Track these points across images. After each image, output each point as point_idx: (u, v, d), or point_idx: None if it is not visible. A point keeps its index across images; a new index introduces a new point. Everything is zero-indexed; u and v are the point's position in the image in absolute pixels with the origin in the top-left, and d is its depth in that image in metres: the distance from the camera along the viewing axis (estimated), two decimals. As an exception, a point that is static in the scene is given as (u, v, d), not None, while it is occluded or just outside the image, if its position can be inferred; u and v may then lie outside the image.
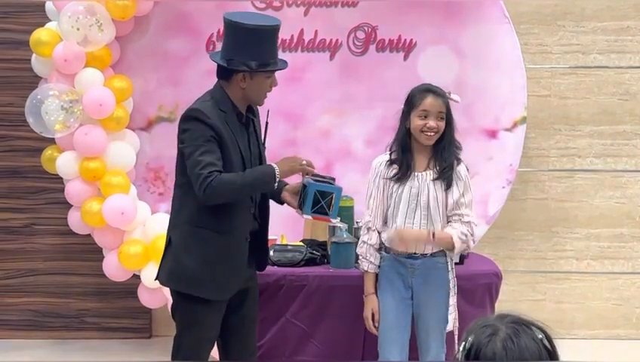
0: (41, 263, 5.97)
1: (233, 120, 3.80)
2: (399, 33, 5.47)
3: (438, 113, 3.93)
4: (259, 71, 3.78)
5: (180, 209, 3.83)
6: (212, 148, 3.69)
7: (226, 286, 3.79)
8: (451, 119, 3.98)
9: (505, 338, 1.98)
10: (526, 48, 5.75)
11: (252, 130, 3.92)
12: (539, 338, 1.99)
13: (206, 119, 3.71)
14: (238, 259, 3.82)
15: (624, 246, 6.03)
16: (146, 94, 5.45)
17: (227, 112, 3.79)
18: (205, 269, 3.75)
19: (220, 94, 3.82)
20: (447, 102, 3.96)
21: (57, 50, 5.13)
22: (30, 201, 5.93)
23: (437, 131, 3.93)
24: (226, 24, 3.84)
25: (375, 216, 4.04)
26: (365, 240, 4.08)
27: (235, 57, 3.78)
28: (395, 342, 4.01)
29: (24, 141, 5.79)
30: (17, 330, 5.95)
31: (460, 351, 2.01)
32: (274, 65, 3.84)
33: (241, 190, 3.74)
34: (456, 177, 3.95)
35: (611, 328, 6.04)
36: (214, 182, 3.63)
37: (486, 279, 4.47)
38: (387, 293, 4.05)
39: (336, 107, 5.51)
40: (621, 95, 5.95)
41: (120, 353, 5.69)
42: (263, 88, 3.84)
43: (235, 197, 3.75)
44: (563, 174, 6.00)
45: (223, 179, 3.66)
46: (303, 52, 5.47)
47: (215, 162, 3.67)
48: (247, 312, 3.95)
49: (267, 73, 3.82)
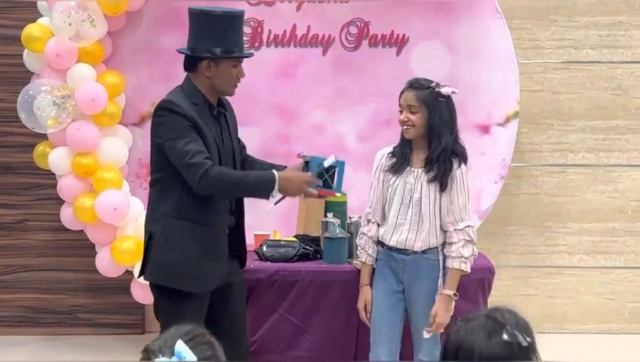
0: (34, 259, 5.96)
1: (205, 112, 3.79)
2: (392, 28, 5.47)
3: (408, 107, 3.93)
4: (222, 57, 3.76)
5: (158, 203, 3.80)
6: (194, 138, 3.68)
7: (207, 278, 3.78)
8: (436, 111, 3.90)
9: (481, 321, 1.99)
10: (518, 43, 5.75)
11: (224, 124, 3.88)
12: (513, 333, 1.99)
13: (179, 110, 3.70)
14: (219, 251, 3.81)
15: (616, 241, 6.04)
16: (139, 90, 5.45)
17: (199, 105, 3.77)
18: (187, 261, 3.74)
19: (189, 87, 3.81)
20: (422, 94, 3.91)
21: (49, 46, 5.11)
22: (22, 197, 5.91)
23: (410, 125, 3.92)
24: (190, 14, 3.84)
25: (375, 209, 4.06)
26: (365, 232, 4.11)
27: (199, 45, 3.78)
28: (384, 334, 4.04)
29: (16, 137, 5.77)
30: (10, 326, 5.93)
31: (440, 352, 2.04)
32: (239, 52, 3.82)
33: (237, 186, 3.73)
34: (452, 179, 3.93)
35: (604, 322, 6.05)
36: (212, 171, 3.62)
37: (479, 274, 4.47)
38: (379, 286, 4.08)
39: (329, 102, 5.51)
40: (613, 90, 5.96)
41: (113, 349, 5.68)
42: (230, 77, 3.80)
43: (228, 191, 3.76)
44: (555, 169, 6.01)
45: (222, 171, 3.68)
46: (295, 47, 5.47)
47: (203, 150, 3.67)
48: (234, 309, 3.94)
49: (232, 61, 3.79)
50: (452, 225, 3.94)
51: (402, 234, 3.97)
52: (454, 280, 3.95)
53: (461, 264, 3.93)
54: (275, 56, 5.47)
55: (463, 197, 3.94)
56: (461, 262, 3.93)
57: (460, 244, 3.93)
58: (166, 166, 3.73)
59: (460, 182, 3.93)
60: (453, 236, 3.94)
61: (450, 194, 3.92)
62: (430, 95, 3.91)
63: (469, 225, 3.97)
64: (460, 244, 3.93)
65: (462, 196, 3.94)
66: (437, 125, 3.91)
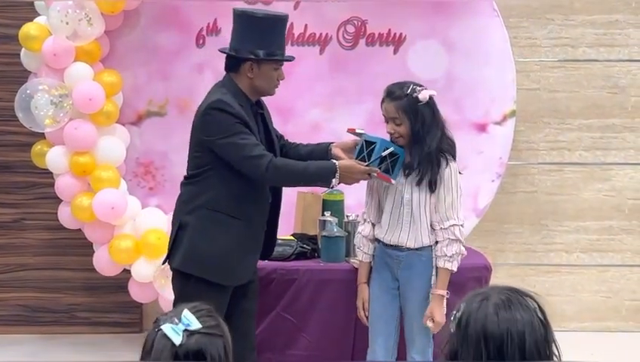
0: (31, 258, 5.96)
1: (249, 111, 3.85)
2: (389, 27, 5.47)
3: (391, 119, 3.92)
4: (265, 59, 3.81)
5: (194, 196, 3.83)
6: (248, 133, 3.76)
7: (238, 272, 3.83)
8: (418, 118, 3.86)
9: (497, 303, 1.95)
10: (515, 42, 5.76)
11: (261, 122, 3.97)
12: (532, 307, 1.97)
13: (230, 109, 3.75)
14: (254, 247, 3.88)
15: (613, 239, 6.05)
16: (136, 89, 5.45)
17: (243, 105, 3.83)
18: (222, 253, 3.78)
19: (232, 87, 3.86)
20: (402, 104, 3.87)
21: (47, 45, 5.11)
22: (20, 196, 5.91)
23: (399, 135, 3.92)
24: (235, 15, 3.89)
25: (370, 208, 4.08)
26: (360, 231, 4.13)
27: (243, 47, 3.81)
28: (380, 332, 4.04)
29: (14, 136, 5.77)
30: (7, 325, 5.93)
31: (452, 320, 2.00)
32: (281, 56, 3.88)
33: (300, 175, 3.79)
34: (440, 179, 3.91)
35: (601, 320, 6.06)
36: (277, 161, 3.74)
37: (476, 272, 4.48)
38: (375, 283, 4.09)
39: (326, 101, 5.51)
40: (610, 88, 5.97)
41: (111, 347, 5.69)
42: (271, 79, 3.87)
43: (291, 180, 3.86)
44: (552, 167, 6.02)
45: (287, 161, 3.78)
46: (292, 46, 5.46)
47: (260, 144, 3.76)
48: (248, 306, 3.97)
49: (274, 64, 3.85)
50: (438, 224, 3.94)
51: (395, 233, 3.99)
52: (443, 279, 3.96)
53: (445, 263, 3.94)
54: (272, 54, 5.47)
55: (449, 197, 3.92)
56: (445, 260, 3.94)
57: (445, 243, 3.94)
58: (209, 162, 3.78)
59: (448, 182, 3.90)
60: (439, 235, 3.95)
61: (438, 193, 3.92)
62: (409, 102, 3.87)
63: (455, 223, 3.93)
64: (445, 243, 3.94)
65: (449, 196, 3.92)
66: (419, 131, 3.88)
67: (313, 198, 4.91)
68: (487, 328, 1.91)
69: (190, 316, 1.97)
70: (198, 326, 1.97)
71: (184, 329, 1.96)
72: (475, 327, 1.92)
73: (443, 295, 3.95)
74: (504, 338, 1.90)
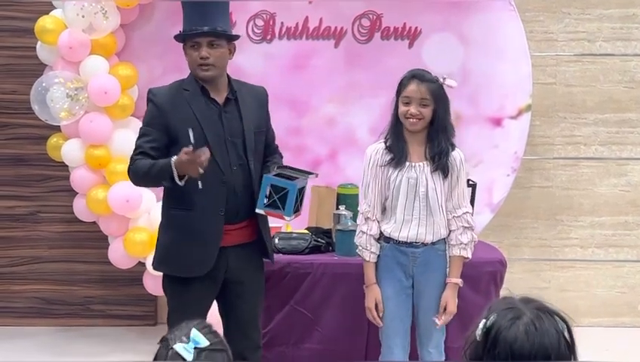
0: (47, 251, 5.98)
1: (197, 97, 3.77)
2: (404, 21, 5.46)
3: (420, 100, 3.87)
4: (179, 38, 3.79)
5: (164, 196, 3.91)
6: (147, 131, 3.75)
7: (198, 261, 3.77)
8: (442, 105, 3.89)
9: (528, 323, 1.98)
10: (531, 36, 5.74)
11: (231, 109, 3.82)
12: (560, 328, 1.99)
13: (153, 98, 3.77)
14: (207, 234, 3.77)
15: (629, 234, 6.03)
16: (152, 82, 5.43)
17: (190, 90, 3.78)
18: (174, 247, 3.81)
19: (190, 73, 3.85)
20: (433, 87, 3.87)
21: (62, 38, 5.12)
22: (35, 189, 5.94)
23: (420, 118, 3.89)
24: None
25: (374, 206, 3.97)
26: (365, 231, 3.99)
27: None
28: (397, 332, 4.00)
29: (29, 129, 5.79)
30: (23, 318, 5.97)
31: (480, 328, 2.00)
32: (188, 31, 3.76)
33: (146, 176, 3.72)
34: (450, 166, 3.91)
35: (616, 316, 6.04)
36: (132, 167, 3.75)
37: (491, 267, 4.47)
38: (387, 283, 4.00)
39: (341, 95, 5.50)
40: (627, 83, 5.94)
41: (125, 340, 5.71)
42: (192, 59, 3.77)
43: (144, 183, 3.90)
44: (568, 162, 6.00)
45: (137, 166, 3.72)
46: (307, 40, 5.47)
47: (142, 145, 3.73)
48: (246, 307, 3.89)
49: (188, 41, 3.76)
50: (451, 213, 3.94)
51: (412, 229, 3.94)
52: (457, 267, 3.96)
53: (461, 250, 3.94)
54: (287, 48, 5.47)
55: (460, 185, 3.94)
56: (461, 248, 3.94)
57: (459, 231, 3.94)
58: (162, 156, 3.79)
59: (459, 169, 3.93)
60: (452, 224, 3.95)
61: (451, 181, 3.92)
62: (438, 88, 3.89)
63: (467, 211, 3.96)
64: (459, 231, 3.94)
65: (460, 183, 3.94)
66: (443, 118, 3.90)
67: (327, 192, 4.91)
68: (515, 350, 1.95)
69: (198, 335, 2.12)
70: (206, 343, 2.12)
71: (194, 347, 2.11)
72: (505, 346, 1.97)
73: (458, 283, 3.94)
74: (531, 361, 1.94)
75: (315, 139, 5.50)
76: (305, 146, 5.45)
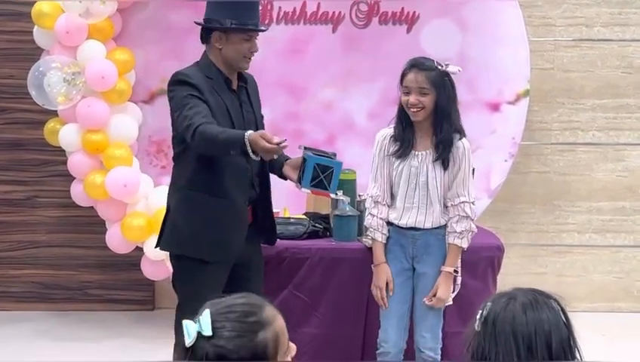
0: (44, 235, 5.99)
1: (221, 87, 3.80)
2: (402, 6, 5.44)
3: (419, 89, 3.85)
4: (233, 29, 3.76)
5: (176, 177, 3.86)
6: (197, 103, 3.68)
7: (223, 247, 3.79)
8: (444, 92, 3.86)
9: (524, 303, 1.97)
10: (529, 21, 5.73)
11: (245, 99, 3.90)
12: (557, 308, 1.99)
13: (188, 80, 3.72)
14: (236, 222, 3.82)
15: (626, 220, 6.04)
16: (149, 67, 5.44)
17: (213, 78, 3.79)
18: (201, 230, 3.78)
19: (204, 60, 3.84)
20: (432, 75, 3.84)
21: (59, 22, 5.11)
22: (33, 174, 5.94)
23: (421, 107, 3.87)
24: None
25: (384, 191, 4.00)
26: (375, 214, 4.02)
27: (212, 17, 3.79)
28: (394, 313, 4.02)
29: (26, 113, 5.78)
30: (21, 302, 5.98)
31: (477, 319, 2.00)
32: (253, 26, 3.80)
33: (212, 142, 3.62)
34: (453, 155, 3.91)
35: (612, 301, 6.06)
36: (200, 128, 3.59)
37: (488, 252, 4.48)
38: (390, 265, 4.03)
39: (339, 80, 5.50)
40: (624, 68, 5.94)
41: (123, 325, 5.71)
42: (240, 50, 3.79)
43: (212, 149, 3.67)
44: (565, 147, 6.00)
45: (206, 127, 3.62)
46: (305, 25, 5.45)
47: (202, 111, 3.66)
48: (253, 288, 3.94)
49: (242, 34, 3.78)
50: (449, 201, 3.94)
51: (411, 217, 3.96)
52: (453, 255, 3.95)
53: (455, 239, 3.94)
54: (284, 33, 5.46)
55: (461, 174, 3.92)
56: (455, 237, 3.94)
57: (455, 220, 3.94)
58: (182, 140, 3.74)
59: (461, 159, 3.90)
60: (450, 212, 3.95)
61: (453, 170, 3.91)
62: (438, 75, 3.86)
63: (466, 201, 3.93)
64: (455, 220, 3.94)
65: (460, 173, 3.92)
66: (445, 106, 3.88)
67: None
68: (516, 327, 1.94)
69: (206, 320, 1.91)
70: (209, 333, 1.90)
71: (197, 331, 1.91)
72: (504, 326, 1.94)
73: (451, 272, 3.94)
74: (533, 337, 1.92)
75: (312, 124, 5.50)
76: (303, 131, 5.44)
